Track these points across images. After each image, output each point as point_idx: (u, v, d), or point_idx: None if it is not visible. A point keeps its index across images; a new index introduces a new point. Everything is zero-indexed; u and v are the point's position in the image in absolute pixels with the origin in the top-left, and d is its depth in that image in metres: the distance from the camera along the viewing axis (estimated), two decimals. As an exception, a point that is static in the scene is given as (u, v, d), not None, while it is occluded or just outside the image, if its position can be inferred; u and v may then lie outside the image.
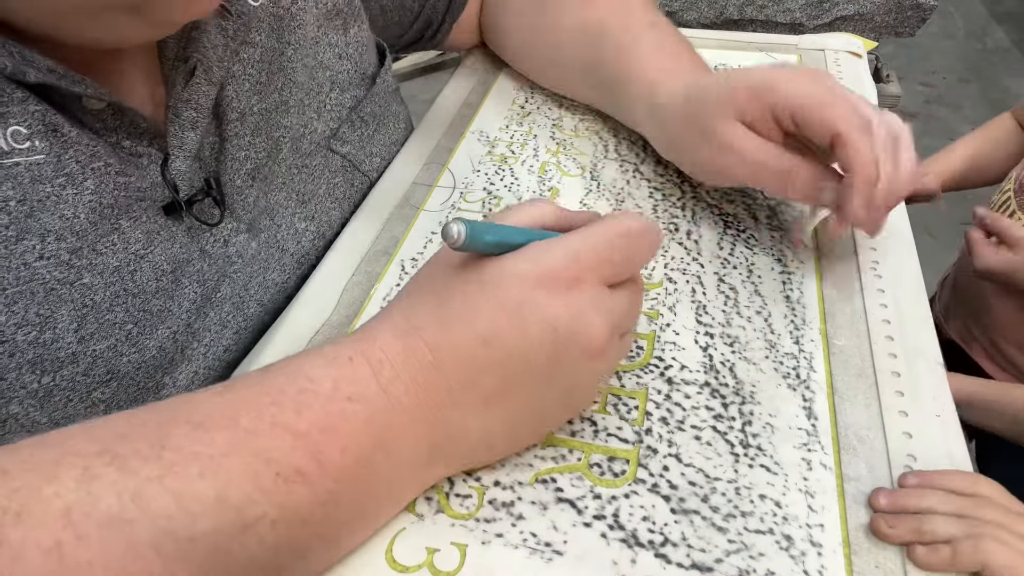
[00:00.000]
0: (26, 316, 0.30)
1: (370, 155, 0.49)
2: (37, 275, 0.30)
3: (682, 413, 0.34)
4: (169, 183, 0.36)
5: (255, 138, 0.41)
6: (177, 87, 0.36)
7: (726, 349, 0.37)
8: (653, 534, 0.29)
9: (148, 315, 0.34)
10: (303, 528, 0.25)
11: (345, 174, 0.47)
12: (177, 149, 0.36)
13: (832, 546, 0.29)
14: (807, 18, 1.19)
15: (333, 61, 0.46)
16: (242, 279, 0.40)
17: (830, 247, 0.42)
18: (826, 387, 0.35)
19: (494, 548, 0.29)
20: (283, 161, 0.43)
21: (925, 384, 0.34)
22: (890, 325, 0.37)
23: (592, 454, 0.32)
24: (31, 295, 0.30)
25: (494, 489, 0.31)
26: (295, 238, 0.43)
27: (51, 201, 0.31)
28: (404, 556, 0.28)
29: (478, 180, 0.49)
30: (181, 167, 0.36)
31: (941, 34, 2.36)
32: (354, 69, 0.48)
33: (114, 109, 0.34)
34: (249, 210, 0.40)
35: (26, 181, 0.30)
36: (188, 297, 0.36)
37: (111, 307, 0.33)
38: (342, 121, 0.47)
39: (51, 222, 0.31)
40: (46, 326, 0.31)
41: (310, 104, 0.44)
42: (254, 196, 0.41)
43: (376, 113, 0.49)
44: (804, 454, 0.32)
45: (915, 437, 0.32)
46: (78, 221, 0.32)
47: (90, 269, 0.32)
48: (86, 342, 0.32)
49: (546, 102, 0.57)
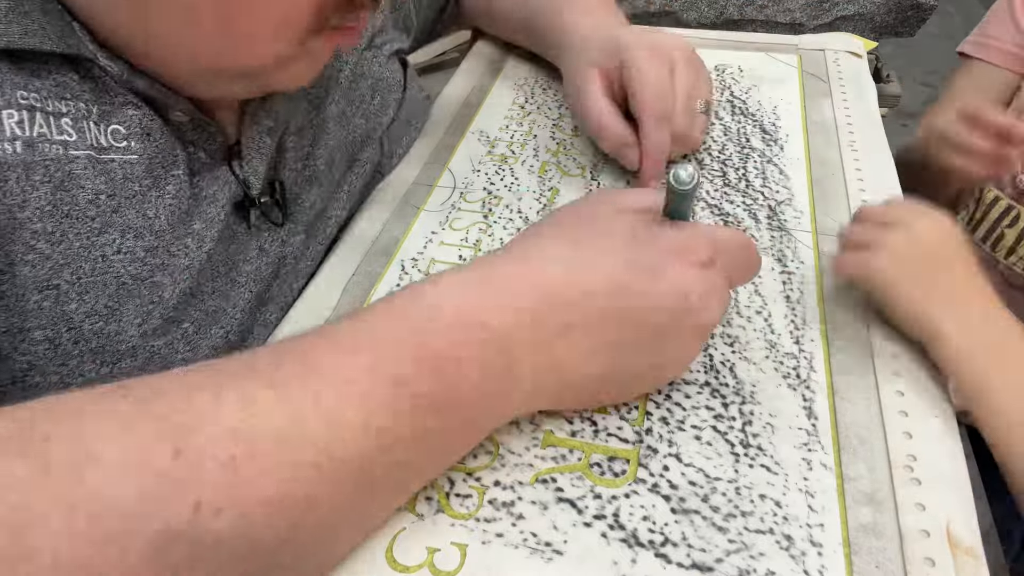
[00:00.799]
0: (95, 306, 0.31)
1: (395, 154, 0.52)
2: (112, 268, 0.32)
3: (682, 413, 0.34)
4: (241, 180, 0.38)
5: (313, 149, 0.43)
6: (255, 98, 0.38)
7: (726, 349, 0.37)
8: (653, 534, 0.29)
9: (204, 315, 0.36)
10: (429, 451, 0.27)
11: (374, 171, 0.49)
12: (252, 151, 0.38)
13: (832, 546, 0.29)
14: (807, 18, 1.19)
15: (375, 69, 0.50)
16: (290, 280, 0.42)
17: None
18: (826, 387, 0.35)
19: (494, 548, 0.29)
20: (337, 168, 0.45)
21: (925, 384, 0.34)
22: (890, 325, 0.37)
23: (592, 454, 0.32)
24: (103, 287, 0.32)
25: (494, 489, 0.31)
26: (334, 234, 0.45)
27: (136, 200, 0.33)
28: (404, 556, 0.28)
29: (478, 180, 0.49)
30: (257, 166, 0.39)
31: (941, 34, 2.36)
32: (391, 77, 0.51)
33: (195, 124, 0.36)
34: (306, 213, 0.43)
35: (118, 178, 0.32)
36: (243, 297, 0.38)
37: (175, 306, 0.34)
38: (390, 120, 0.50)
39: (133, 220, 0.33)
40: (112, 318, 0.32)
41: (356, 111, 0.47)
42: (311, 201, 0.43)
43: (410, 118, 0.53)
44: (804, 454, 0.32)
45: (915, 437, 0.32)
46: (158, 221, 0.34)
47: (162, 268, 0.34)
48: (147, 338, 0.33)
49: (546, 102, 0.57)
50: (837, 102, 0.55)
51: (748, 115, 0.54)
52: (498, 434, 0.33)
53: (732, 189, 0.47)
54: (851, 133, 0.52)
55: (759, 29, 1.19)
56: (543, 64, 0.62)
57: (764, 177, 0.48)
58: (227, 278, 0.37)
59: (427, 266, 0.42)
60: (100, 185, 0.32)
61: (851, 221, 0.40)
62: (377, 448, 0.25)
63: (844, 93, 0.56)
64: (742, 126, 0.53)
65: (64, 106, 0.31)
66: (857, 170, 0.48)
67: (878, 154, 0.50)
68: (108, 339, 0.32)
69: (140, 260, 0.33)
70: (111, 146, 0.32)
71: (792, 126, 0.53)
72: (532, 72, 0.61)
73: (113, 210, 0.32)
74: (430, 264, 0.42)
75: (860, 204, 0.45)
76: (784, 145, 0.51)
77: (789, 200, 0.46)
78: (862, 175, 0.48)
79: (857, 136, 0.51)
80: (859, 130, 0.52)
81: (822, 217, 0.45)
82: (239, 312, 0.38)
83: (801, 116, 0.54)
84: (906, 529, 0.29)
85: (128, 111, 0.33)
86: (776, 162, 0.50)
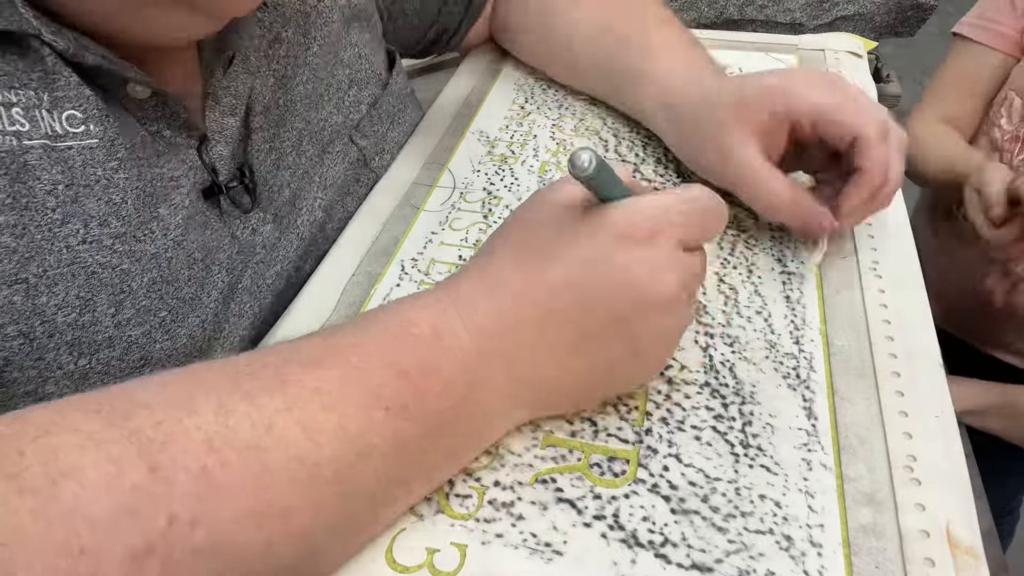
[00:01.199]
0: (66, 298, 0.31)
1: (381, 152, 0.50)
2: (79, 258, 0.31)
3: (682, 413, 0.34)
4: (208, 166, 0.37)
5: (279, 130, 0.42)
6: (216, 75, 0.38)
7: (726, 349, 0.37)
8: (653, 534, 0.29)
9: (180, 303, 0.35)
10: (408, 462, 0.27)
11: (356, 168, 0.48)
12: (217, 135, 0.38)
13: (832, 546, 0.29)
14: (807, 18, 1.19)
15: (353, 60, 0.48)
16: (262, 268, 0.41)
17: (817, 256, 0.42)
18: (826, 387, 0.35)
19: (494, 548, 0.29)
20: (304, 153, 0.44)
21: (925, 384, 0.34)
22: (890, 325, 0.37)
23: (592, 454, 0.32)
24: (72, 277, 0.31)
25: (494, 489, 0.31)
26: (310, 227, 0.44)
27: (100, 186, 0.32)
28: (404, 556, 0.28)
29: (478, 180, 0.49)
30: (222, 151, 0.38)
31: (941, 34, 2.36)
32: (371, 69, 0.49)
33: (156, 99, 0.35)
34: (275, 199, 0.42)
35: (77, 165, 0.31)
36: (216, 286, 0.37)
37: (147, 294, 0.34)
38: (362, 116, 0.48)
39: (96, 207, 0.32)
40: (85, 309, 0.32)
41: (330, 99, 0.46)
42: (279, 186, 0.42)
43: (391, 112, 0.51)
44: (804, 454, 0.32)
45: (915, 437, 0.32)
46: (124, 207, 0.33)
47: (130, 255, 0.33)
48: (122, 327, 0.33)
49: (546, 102, 0.57)
50: (837, 102, 0.55)
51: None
52: (498, 434, 0.33)
53: (732, 189, 0.47)
54: (851, 133, 0.52)
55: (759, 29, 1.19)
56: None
57: (764, 177, 0.48)
58: (201, 265, 0.37)
59: (427, 266, 0.42)
60: (57, 175, 0.31)
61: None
62: (354, 454, 0.25)
63: (844, 93, 0.56)
64: (742, 126, 0.53)
65: (13, 95, 0.30)
66: (857, 170, 0.48)
67: (878, 154, 0.50)
68: (83, 330, 0.32)
69: (108, 248, 0.32)
70: (67, 133, 0.31)
71: (792, 126, 0.53)
72: (532, 72, 0.61)
73: (73, 200, 0.31)
74: (430, 264, 0.42)
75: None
76: (784, 145, 0.51)
77: (789, 200, 0.46)
78: (862, 175, 0.48)
79: (857, 136, 0.51)
80: (859, 130, 0.52)
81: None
82: (213, 301, 0.37)
83: (801, 116, 0.54)
84: (906, 529, 0.29)
85: (84, 91, 0.32)
86: (776, 162, 0.49)
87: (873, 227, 0.44)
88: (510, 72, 0.61)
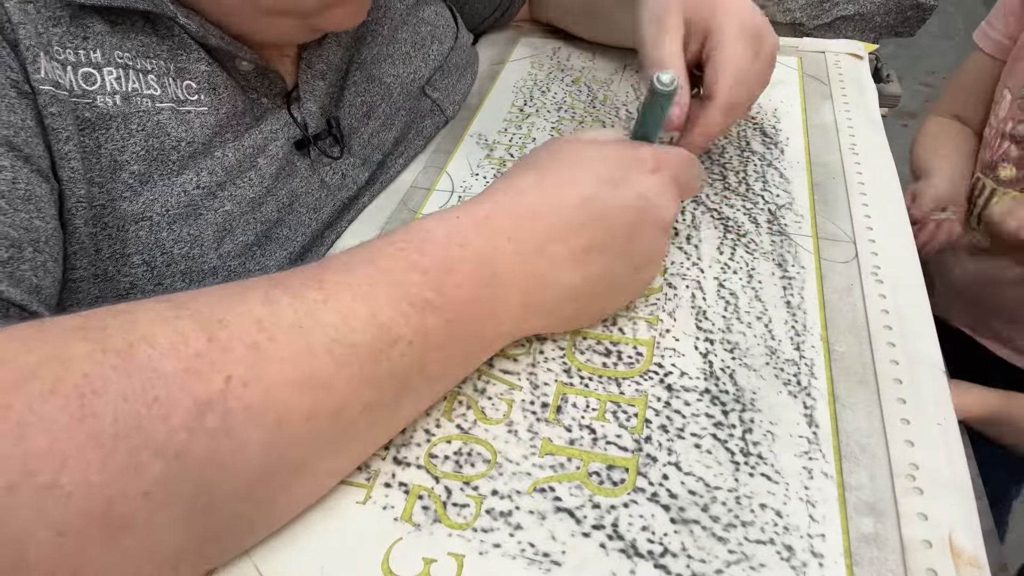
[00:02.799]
0: (181, 234, 0.37)
1: (453, 101, 0.55)
2: (193, 202, 0.38)
3: (682, 421, 0.33)
4: (300, 123, 0.43)
5: (369, 85, 0.48)
6: (311, 46, 0.44)
7: (726, 355, 0.36)
8: (652, 544, 0.29)
9: (270, 240, 0.41)
10: (430, 352, 0.30)
11: (433, 117, 0.53)
12: (308, 95, 0.44)
13: (834, 557, 0.28)
14: (807, 18, 1.19)
15: (432, 17, 0.54)
16: (357, 208, 0.47)
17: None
18: (827, 394, 0.34)
19: (492, 558, 0.29)
20: (393, 103, 0.50)
21: (927, 391, 0.34)
22: (891, 331, 0.37)
23: (591, 462, 0.32)
24: (186, 217, 0.37)
25: (492, 498, 0.30)
26: (393, 170, 0.50)
27: (209, 145, 0.39)
28: (401, 567, 0.28)
29: (476, 183, 0.49)
30: (312, 108, 0.44)
31: (941, 34, 2.36)
32: (446, 25, 0.55)
33: (259, 71, 0.41)
34: (364, 146, 0.47)
35: (195, 127, 0.38)
36: (304, 224, 0.43)
37: (243, 231, 0.40)
38: (435, 69, 0.53)
39: (205, 161, 0.38)
40: (195, 243, 0.38)
41: (415, 55, 0.51)
42: (368, 134, 0.48)
43: (459, 64, 0.56)
44: (805, 462, 0.31)
45: (917, 445, 0.32)
46: (226, 159, 0.39)
47: (231, 199, 0.39)
48: (224, 259, 0.39)
49: (545, 105, 0.57)
50: (838, 104, 0.55)
51: (748, 118, 0.54)
52: (496, 442, 0.33)
53: (732, 193, 0.47)
54: (852, 136, 0.51)
55: (759, 29, 1.19)
56: (542, 67, 0.61)
57: (764, 181, 0.48)
58: (288, 208, 0.42)
59: (425, 271, 0.42)
60: (181, 133, 0.37)
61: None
62: (384, 340, 0.28)
63: (845, 95, 0.56)
64: (742, 129, 0.53)
65: (149, 64, 0.37)
66: (858, 173, 0.48)
67: (879, 157, 0.50)
68: (193, 261, 0.38)
69: (213, 194, 0.38)
70: (187, 99, 0.38)
71: (792, 129, 0.53)
72: (531, 75, 0.60)
73: (190, 155, 0.38)
74: (428, 269, 0.42)
75: (861, 207, 0.45)
76: (784, 148, 0.51)
77: (789, 204, 0.46)
78: (863, 178, 0.48)
79: (858, 139, 0.51)
80: (860, 133, 0.52)
81: (823, 221, 0.44)
82: (300, 236, 0.43)
83: (801, 119, 0.54)
84: (908, 539, 0.29)
85: (200, 67, 0.38)
86: (776, 165, 0.49)
87: (874, 231, 0.43)
88: (509, 75, 0.61)
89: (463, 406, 0.34)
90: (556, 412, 0.34)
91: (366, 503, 0.30)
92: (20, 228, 0.31)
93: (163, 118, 0.37)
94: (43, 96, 0.33)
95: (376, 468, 0.32)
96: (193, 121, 0.38)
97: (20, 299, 0.30)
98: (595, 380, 0.35)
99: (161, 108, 0.37)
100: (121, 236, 0.36)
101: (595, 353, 0.37)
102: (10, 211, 0.30)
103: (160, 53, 0.37)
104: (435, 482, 0.31)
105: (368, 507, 0.30)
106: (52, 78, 0.33)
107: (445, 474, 0.31)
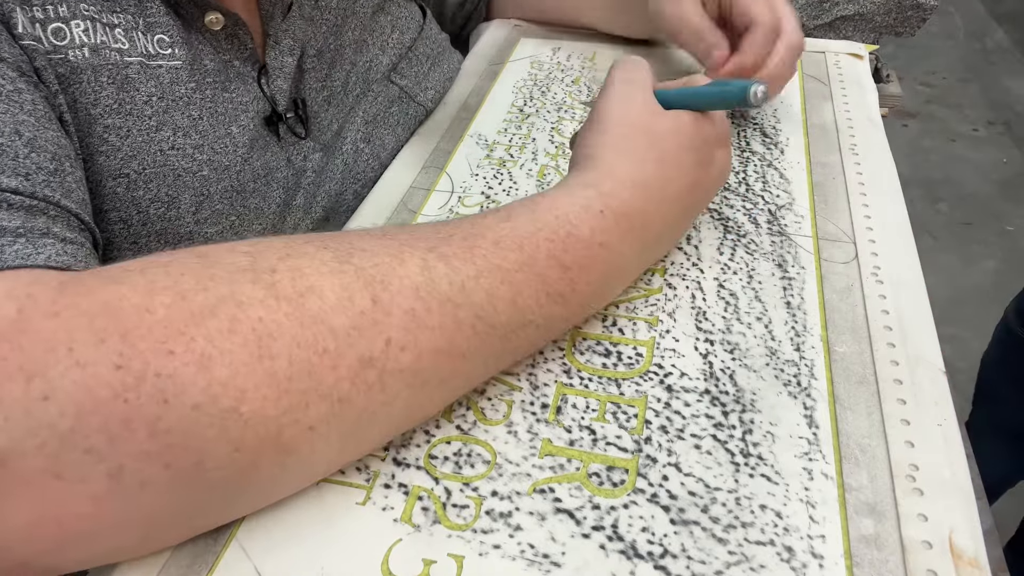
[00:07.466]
0: (157, 194, 0.38)
1: (425, 88, 0.56)
2: (169, 161, 0.38)
3: (682, 421, 0.33)
4: (269, 98, 0.44)
5: (331, 71, 0.49)
6: (276, 20, 0.44)
7: (726, 356, 0.36)
8: (652, 545, 0.29)
9: (247, 211, 0.42)
10: (548, 336, 0.34)
11: (401, 104, 0.54)
12: (276, 71, 0.44)
13: (834, 558, 0.28)
14: (807, 18, 1.19)
15: (394, 8, 0.55)
16: (312, 190, 0.47)
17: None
18: (827, 395, 0.34)
19: (491, 559, 0.28)
20: (351, 92, 0.50)
21: (927, 392, 0.34)
22: (892, 332, 0.37)
23: (591, 463, 0.32)
24: (163, 177, 0.38)
25: (491, 499, 0.30)
26: (354, 157, 0.50)
27: (183, 101, 0.39)
28: (400, 568, 0.28)
29: (476, 184, 0.49)
30: (281, 85, 0.45)
31: (941, 34, 2.36)
32: (409, 16, 0.56)
33: (228, 32, 0.41)
34: (324, 131, 0.48)
35: (166, 82, 0.38)
36: (276, 200, 0.44)
37: (221, 199, 0.40)
38: (400, 57, 0.54)
39: (181, 119, 0.38)
40: (172, 205, 0.38)
41: (374, 43, 0.52)
42: (328, 120, 0.48)
43: (428, 53, 0.57)
44: (805, 463, 0.31)
45: (917, 446, 0.32)
46: (201, 122, 0.39)
47: (208, 164, 0.39)
48: (200, 224, 0.39)
49: (545, 105, 0.57)
50: (838, 105, 0.55)
51: (748, 118, 0.54)
52: (495, 442, 0.33)
53: (732, 193, 0.47)
54: (852, 136, 0.51)
55: (759, 29, 1.19)
56: (542, 67, 0.61)
57: (764, 181, 0.48)
58: (263, 180, 0.43)
59: (424, 271, 0.42)
60: (152, 88, 0.37)
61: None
62: (518, 323, 0.31)
63: (845, 96, 0.56)
64: (741, 129, 0.53)
65: (115, 18, 0.37)
66: (858, 174, 0.48)
67: (879, 157, 0.50)
68: (169, 223, 0.38)
69: (190, 156, 0.39)
70: (158, 53, 0.38)
71: (792, 129, 0.53)
72: (531, 75, 0.60)
73: (164, 111, 0.38)
74: (427, 269, 0.42)
75: (861, 208, 0.45)
76: (784, 148, 0.51)
77: (789, 204, 0.46)
78: (863, 179, 0.48)
79: (858, 139, 0.51)
80: (860, 133, 0.52)
81: (823, 221, 0.44)
82: (272, 213, 0.44)
83: (801, 119, 0.54)
84: (908, 540, 0.29)
85: (169, 20, 0.38)
86: (776, 166, 0.49)
87: (874, 231, 0.43)
88: (509, 75, 0.60)
89: (462, 407, 0.34)
90: (556, 413, 0.34)
91: (366, 504, 0.30)
92: (54, 144, 0.31)
93: (132, 72, 0.37)
94: (27, 51, 0.33)
95: (376, 469, 0.31)
96: (164, 76, 0.38)
97: (77, 210, 0.31)
98: (595, 381, 0.35)
99: (130, 62, 0.37)
100: (99, 191, 0.36)
101: (595, 354, 0.37)
102: (40, 128, 0.31)
103: (127, 7, 0.37)
104: (435, 483, 0.31)
105: (368, 508, 0.30)
106: (32, 33, 0.34)
107: (445, 475, 0.31)
